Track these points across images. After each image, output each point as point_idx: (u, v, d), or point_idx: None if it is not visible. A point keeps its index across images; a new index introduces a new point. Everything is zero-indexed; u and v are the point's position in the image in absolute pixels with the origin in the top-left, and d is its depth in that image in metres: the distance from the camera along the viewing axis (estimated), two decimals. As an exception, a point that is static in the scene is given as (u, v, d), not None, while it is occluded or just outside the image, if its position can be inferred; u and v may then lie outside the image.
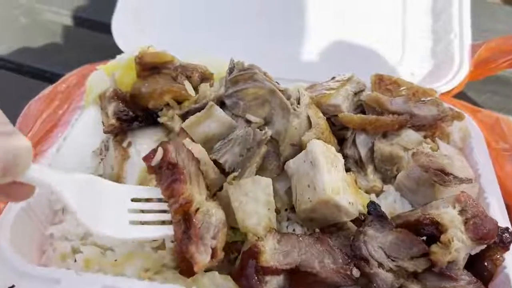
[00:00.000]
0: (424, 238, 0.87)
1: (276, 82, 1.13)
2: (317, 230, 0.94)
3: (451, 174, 0.95)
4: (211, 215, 0.83)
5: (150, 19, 1.42)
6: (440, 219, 0.83)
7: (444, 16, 1.39)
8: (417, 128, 1.08)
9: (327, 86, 1.11)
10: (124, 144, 1.04)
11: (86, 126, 1.07)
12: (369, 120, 1.03)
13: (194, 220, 0.81)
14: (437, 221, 0.83)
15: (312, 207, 0.89)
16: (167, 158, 0.84)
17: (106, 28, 1.41)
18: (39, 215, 0.97)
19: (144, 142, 1.05)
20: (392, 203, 1.01)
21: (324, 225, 0.94)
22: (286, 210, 0.99)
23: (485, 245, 0.86)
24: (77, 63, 1.40)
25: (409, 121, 1.05)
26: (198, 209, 0.83)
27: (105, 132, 1.02)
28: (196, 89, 1.09)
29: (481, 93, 1.55)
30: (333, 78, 1.16)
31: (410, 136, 1.06)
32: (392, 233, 0.85)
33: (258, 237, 0.87)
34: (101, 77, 1.09)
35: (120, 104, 1.03)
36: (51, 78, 1.52)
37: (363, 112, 1.10)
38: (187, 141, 0.95)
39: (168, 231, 0.83)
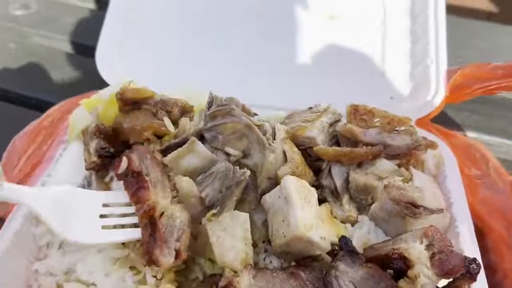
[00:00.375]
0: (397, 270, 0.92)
1: (255, 113, 1.18)
2: (293, 262, 0.98)
3: (421, 206, 0.98)
4: (175, 218, 0.88)
5: (133, 50, 1.45)
6: (407, 254, 0.86)
7: (421, 42, 1.42)
8: (392, 157, 1.11)
9: (304, 118, 1.14)
10: (106, 179, 1.07)
11: (70, 162, 1.10)
12: (343, 152, 1.06)
13: (158, 224, 0.87)
14: (405, 256, 0.87)
15: (287, 242, 0.92)
16: (131, 167, 0.91)
17: (95, 52, 1.43)
18: (24, 251, 1.01)
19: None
20: (366, 233, 1.04)
21: (300, 257, 0.98)
22: (263, 242, 1.02)
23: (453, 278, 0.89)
24: (65, 90, 1.44)
25: (382, 152, 1.08)
26: (162, 213, 0.88)
27: (87, 169, 1.05)
28: (176, 123, 1.12)
29: (460, 112, 1.59)
30: (310, 108, 1.19)
31: (384, 165, 1.09)
32: (362, 268, 0.88)
33: (235, 272, 0.90)
34: (83, 113, 1.12)
35: (102, 141, 1.06)
36: (38, 106, 1.54)
37: (338, 142, 1.13)
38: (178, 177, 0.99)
39: (137, 234, 0.89)
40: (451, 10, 1.86)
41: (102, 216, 0.90)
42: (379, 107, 1.20)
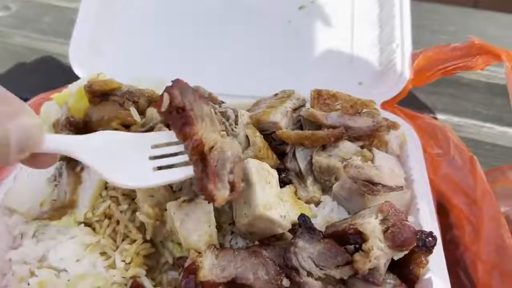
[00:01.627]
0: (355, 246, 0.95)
1: (222, 101, 1.21)
2: (257, 242, 1.01)
3: (379, 183, 1.01)
4: (226, 151, 0.86)
5: (107, 46, 1.48)
6: (362, 229, 0.89)
7: (388, 27, 1.45)
8: (355, 139, 1.14)
9: (269, 104, 1.17)
10: (77, 170, 1.10)
11: (41, 154, 1.13)
12: (305, 135, 1.09)
13: (209, 159, 0.84)
14: (360, 231, 0.90)
15: (249, 222, 0.96)
16: (174, 103, 0.85)
17: None
18: (-2, 241, 1.04)
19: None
20: (329, 212, 1.07)
21: (264, 237, 1.01)
22: (229, 224, 1.06)
23: (408, 250, 0.92)
24: (43, 87, 1.46)
25: (344, 134, 1.11)
26: (212, 147, 0.85)
27: (58, 160, 1.08)
28: (143, 113, 1.15)
29: (430, 95, 1.62)
30: (276, 95, 1.22)
31: (347, 147, 1.12)
32: (320, 244, 0.92)
33: (198, 254, 0.93)
34: (54, 106, 1.15)
35: (72, 133, 1.09)
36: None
37: (302, 127, 1.16)
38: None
39: (189, 171, 0.86)
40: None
41: (151, 158, 0.86)
42: (349, 93, 1.23)
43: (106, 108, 1.12)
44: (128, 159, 0.83)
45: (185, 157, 0.88)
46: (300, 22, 1.56)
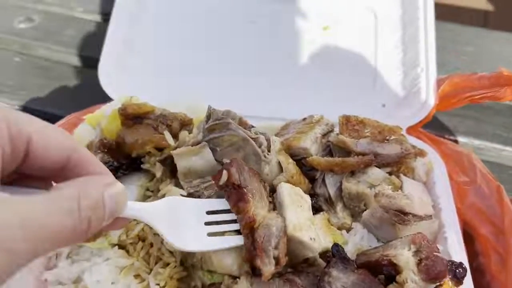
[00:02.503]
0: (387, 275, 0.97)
1: (251, 125, 1.23)
2: (289, 269, 1.03)
3: (410, 213, 1.03)
4: (271, 227, 0.92)
5: (134, 64, 1.50)
6: (396, 260, 0.92)
7: (412, 51, 1.47)
8: (383, 165, 1.16)
9: (298, 129, 1.19)
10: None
11: (76, 175, 1.15)
12: (335, 162, 1.11)
13: (256, 235, 0.91)
14: (394, 262, 0.92)
15: (280, 244, 0.98)
16: (231, 180, 0.93)
17: (96, 63, 1.47)
18: (34, 262, 1.05)
19: (129, 188, 1.13)
20: (359, 240, 1.09)
21: (296, 261, 1.03)
22: (261, 249, 1.07)
23: (440, 283, 0.94)
24: (69, 101, 1.49)
25: (374, 161, 1.13)
26: (261, 223, 0.93)
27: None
28: (176, 136, 1.17)
29: (452, 117, 1.63)
30: (304, 119, 1.24)
31: (375, 174, 1.14)
32: (354, 274, 0.93)
33: (233, 279, 0.95)
34: (87, 128, 1.18)
35: (106, 155, 1.12)
36: (44, 117, 1.59)
37: (331, 152, 1.18)
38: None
39: (240, 240, 0.94)
40: (446, 16, 1.91)
41: (206, 223, 0.94)
42: (372, 115, 1.25)
43: (140, 131, 1.14)
44: (187, 224, 0.91)
45: (236, 226, 0.96)
46: (324, 42, 1.58)
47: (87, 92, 1.73)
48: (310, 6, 1.62)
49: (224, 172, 0.94)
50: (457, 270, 0.95)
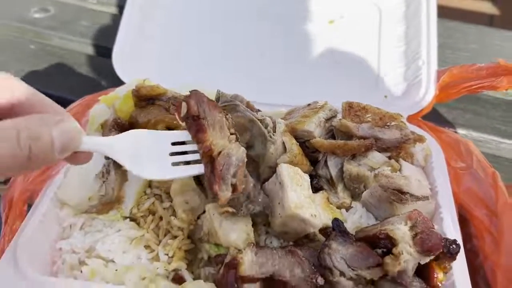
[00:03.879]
0: (384, 249, 1.02)
1: (258, 110, 1.28)
2: (291, 242, 1.09)
3: (407, 192, 1.09)
4: (231, 156, 0.97)
5: (147, 51, 1.56)
6: (393, 234, 0.97)
7: (414, 44, 1.52)
8: (383, 150, 1.22)
9: (302, 113, 1.25)
10: (123, 168, 1.17)
11: (90, 152, 1.21)
12: (337, 144, 1.17)
13: (215, 163, 0.95)
14: (390, 236, 0.97)
15: (283, 221, 1.03)
16: (190, 112, 0.98)
17: (110, 53, 1.53)
18: (50, 232, 1.12)
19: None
20: (358, 218, 1.14)
21: (297, 237, 1.08)
22: (264, 225, 1.13)
23: (434, 256, 0.99)
24: (83, 87, 1.55)
25: (374, 145, 1.18)
26: (220, 152, 0.96)
27: (106, 158, 1.17)
28: (186, 117, 1.23)
29: (453, 110, 1.69)
30: (309, 105, 1.30)
31: (375, 157, 1.19)
32: (352, 246, 0.99)
33: (238, 250, 1.01)
34: (102, 108, 1.24)
35: (119, 132, 1.17)
36: (58, 102, 1.65)
37: (334, 136, 1.23)
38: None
39: (201, 169, 0.98)
40: (452, 15, 1.97)
41: (171, 154, 0.97)
42: (374, 105, 1.30)
43: (153, 111, 1.20)
44: (152, 155, 0.94)
45: (198, 155, 1.00)
46: (329, 36, 1.63)
47: (101, 79, 1.79)
48: (317, 0, 1.68)
49: (183, 104, 0.99)
50: (451, 246, 1.00)
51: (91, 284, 1.01)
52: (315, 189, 1.18)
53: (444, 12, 1.61)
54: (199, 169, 0.98)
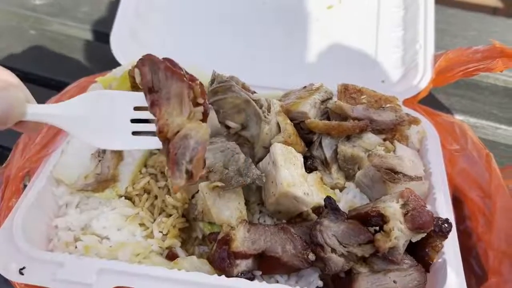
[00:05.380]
0: (376, 228, 1.03)
1: (254, 91, 1.29)
2: (284, 221, 1.10)
3: (400, 172, 1.09)
4: (189, 138, 0.82)
5: (146, 33, 1.57)
6: (384, 211, 0.97)
7: (412, 29, 1.52)
8: (378, 131, 1.22)
9: (298, 95, 1.25)
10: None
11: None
12: (332, 125, 1.17)
13: (170, 146, 0.82)
14: (382, 213, 0.97)
15: (276, 200, 1.04)
16: (143, 82, 0.83)
17: (109, 39, 1.54)
18: (46, 209, 1.13)
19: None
20: (352, 198, 1.15)
21: (290, 216, 1.09)
22: (258, 204, 1.14)
23: (425, 234, 0.99)
24: (81, 72, 1.55)
25: (369, 126, 1.18)
26: (177, 132, 0.82)
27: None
28: (182, 98, 1.23)
29: (450, 97, 1.69)
30: (304, 87, 1.30)
31: (370, 139, 1.20)
32: (344, 223, 1.00)
33: (231, 227, 1.02)
34: (99, 88, 1.24)
35: (115, 112, 1.18)
36: (57, 86, 1.67)
37: (329, 118, 1.24)
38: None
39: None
40: (455, 3, 1.97)
41: (133, 120, 0.86)
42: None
43: (148, 91, 1.20)
44: (109, 121, 0.85)
45: None
46: (328, 21, 1.63)
47: (100, 64, 1.80)
48: (316, -15, 1.68)
49: (136, 71, 0.84)
50: (443, 225, 1.01)
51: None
52: (309, 169, 1.19)
53: (445, 3, 1.61)
54: (158, 143, 0.85)
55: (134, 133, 0.87)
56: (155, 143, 0.85)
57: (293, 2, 1.65)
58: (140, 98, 0.86)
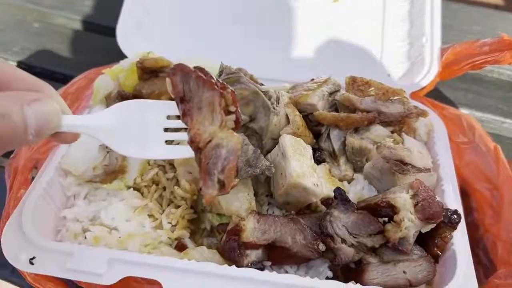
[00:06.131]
0: (386, 219, 1.03)
1: (261, 83, 1.28)
2: (293, 212, 1.10)
3: (409, 164, 1.09)
4: (221, 148, 0.82)
5: (152, 26, 1.57)
6: (394, 202, 0.97)
7: (418, 23, 1.52)
8: (386, 124, 1.22)
9: (306, 87, 1.25)
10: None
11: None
12: (340, 117, 1.17)
13: (202, 155, 0.82)
14: (392, 204, 0.98)
15: (285, 191, 1.04)
16: (175, 91, 0.83)
17: (113, 32, 1.54)
18: (54, 200, 1.12)
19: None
20: (360, 189, 1.15)
21: (299, 207, 1.09)
22: (266, 196, 1.14)
23: (435, 225, 0.99)
24: (86, 65, 1.54)
25: (377, 118, 1.18)
26: (209, 141, 0.83)
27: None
28: (190, 90, 1.23)
29: (456, 91, 1.69)
30: (312, 80, 1.30)
31: (378, 131, 1.20)
32: (354, 214, 1.00)
33: (241, 218, 1.02)
34: (107, 80, 1.24)
35: (123, 103, 1.18)
36: (62, 79, 1.67)
37: (337, 110, 1.24)
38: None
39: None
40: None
41: (165, 129, 0.86)
42: (377, 81, 1.31)
43: (157, 83, 1.21)
44: (141, 131, 0.86)
45: None
46: (334, 15, 1.63)
47: (105, 57, 1.78)
48: (322, -21, 1.68)
49: (167, 80, 0.84)
50: (452, 216, 1.01)
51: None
52: (318, 161, 1.19)
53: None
54: (190, 152, 0.86)
55: (167, 141, 0.88)
56: (188, 152, 0.86)
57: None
58: (173, 106, 0.86)
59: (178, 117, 0.86)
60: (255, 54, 1.51)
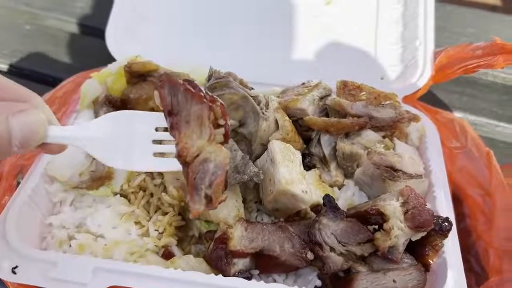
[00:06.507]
0: (376, 227, 1.02)
1: (251, 88, 1.27)
2: (282, 219, 1.08)
3: (400, 170, 1.08)
4: (209, 162, 0.81)
5: (141, 29, 1.55)
6: (384, 209, 0.96)
7: (411, 26, 1.50)
8: (378, 129, 1.20)
9: (296, 92, 1.23)
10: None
11: (81, 128, 1.20)
12: (331, 122, 1.15)
13: (189, 170, 0.81)
14: (381, 211, 0.96)
15: (274, 198, 1.03)
16: (163, 104, 0.82)
17: (104, 35, 1.51)
18: (40, 207, 1.11)
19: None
20: (351, 196, 1.13)
21: (288, 214, 1.08)
22: (255, 202, 1.12)
23: (425, 233, 0.98)
24: (77, 68, 1.53)
25: (368, 123, 1.17)
26: (197, 155, 0.81)
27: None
28: (178, 94, 1.21)
29: (450, 94, 1.67)
30: (303, 84, 1.28)
31: (369, 136, 1.18)
32: (343, 222, 0.98)
33: (228, 226, 1.00)
34: (94, 84, 1.22)
35: (111, 109, 1.16)
36: (52, 82, 1.65)
37: (328, 115, 1.22)
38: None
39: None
40: (454, 0, 1.95)
41: (154, 142, 0.86)
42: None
43: (145, 87, 1.19)
44: (129, 142, 0.85)
45: None
46: (326, 17, 1.61)
47: (95, 60, 1.76)
48: (314, -20, 1.66)
49: (155, 93, 0.83)
50: (443, 224, 0.99)
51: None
52: (308, 167, 1.17)
53: (444, 0, 1.59)
54: (179, 165, 0.85)
55: (156, 154, 0.87)
56: (175, 165, 0.84)
57: (293, -3, 1.64)
58: (162, 118, 0.85)
59: (166, 129, 0.85)
60: (246, 57, 1.49)
